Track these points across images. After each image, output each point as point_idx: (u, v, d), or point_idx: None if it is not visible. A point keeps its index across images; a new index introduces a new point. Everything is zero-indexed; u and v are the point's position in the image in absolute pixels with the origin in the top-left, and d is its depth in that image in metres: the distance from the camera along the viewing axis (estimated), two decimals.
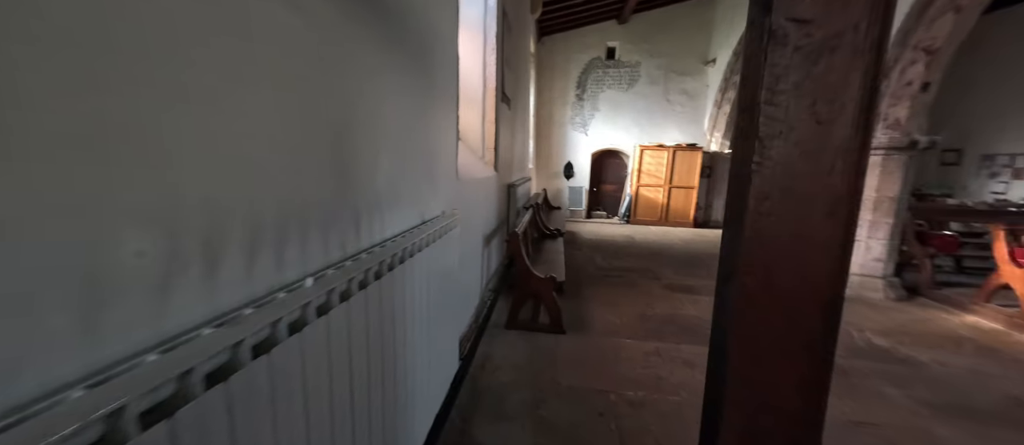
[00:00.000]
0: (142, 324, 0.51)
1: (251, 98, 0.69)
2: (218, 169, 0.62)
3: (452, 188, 2.15)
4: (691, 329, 3.22)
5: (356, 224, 1.06)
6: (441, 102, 1.90)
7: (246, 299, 0.67)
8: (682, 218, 8.60)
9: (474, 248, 2.87)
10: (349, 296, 0.88)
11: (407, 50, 1.42)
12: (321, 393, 0.76)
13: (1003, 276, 3.56)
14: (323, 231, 0.91)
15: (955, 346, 3.04)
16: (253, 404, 0.59)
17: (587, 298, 3.88)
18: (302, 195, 0.83)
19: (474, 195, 2.82)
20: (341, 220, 0.99)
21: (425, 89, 1.63)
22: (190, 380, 0.51)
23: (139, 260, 0.50)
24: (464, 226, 2.49)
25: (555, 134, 9.38)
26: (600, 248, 6.23)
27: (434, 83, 1.77)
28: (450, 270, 1.85)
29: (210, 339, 0.53)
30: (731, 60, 7.67)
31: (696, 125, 8.90)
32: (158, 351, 0.49)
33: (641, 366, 2.61)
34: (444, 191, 1.98)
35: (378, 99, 1.19)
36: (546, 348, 2.83)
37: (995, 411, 2.22)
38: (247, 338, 0.58)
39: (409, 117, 1.46)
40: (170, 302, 0.55)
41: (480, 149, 3.43)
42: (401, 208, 1.38)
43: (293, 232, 0.80)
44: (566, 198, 9.52)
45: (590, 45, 8.93)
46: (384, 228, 1.24)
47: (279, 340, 0.66)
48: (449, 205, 2.02)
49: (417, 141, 1.55)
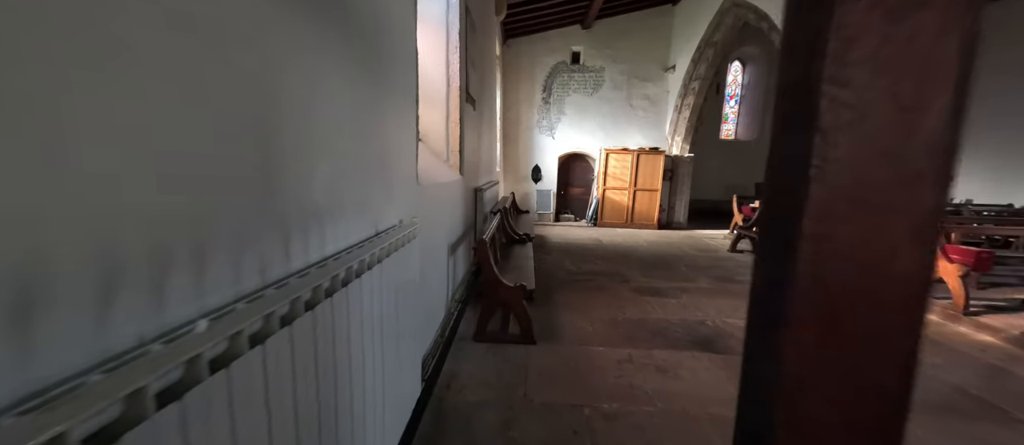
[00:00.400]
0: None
1: (114, 86, 0.49)
2: (51, 182, 0.43)
3: (412, 194, 1.97)
4: (661, 333, 3.20)
5: (284, 242, 0.87)
6: (397, 100, 1.72)
7: (96, 359, 0.47)
8: (647, 220, 8.79)
9: (438, 258, 2.68)
10: (266, 335, 0.69)
11: (353, 39, 1.23)
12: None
13: (937, 270, 3.84)
14: (232, 254, 0.71)
15: None
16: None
17: (558, 304, 3.79)
18: (194, 210, 0.63)
19: (438, 201, 2.64)
20: (260, 239, 0.79)
21: (376, 84, 1.45)
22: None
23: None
24: (427, 234, 2.31)
25: (522, 137, 9.31)
26: (569, 252, 6.19)
27: (388, 79, 1.58)
28: (410, 284, 1.67)
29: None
30: (689, 68, 7.95)
31: (658, 129, 9.16)
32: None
33: (614, 375, 2.53)
34: (402, 198, 1.79)
35: (312, 91, 1.00)
36: (517, 361, 2.69)
37: (946, 403, 2.33)
38: (72, 428, 0.38)
39: (357, 115, 1.27)
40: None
41: (444, 152, 3.24)
42: (348, 219, 1.19)
43: (181, 259, 0.60)
44: (534, 202, 9.47)
45: (555, 49, 8.96)
46: (324, 244, 1.05)
47: (145, 415, 0.47)
48: (409, 213, 1.83)
49: (368, 143, 1.36)
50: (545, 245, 6.64)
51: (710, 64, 7.69)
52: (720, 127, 11.55)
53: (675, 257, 6.00)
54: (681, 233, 8.39)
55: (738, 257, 6.15)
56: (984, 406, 2.30)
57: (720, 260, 5.90)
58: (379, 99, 1.48)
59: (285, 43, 0.88)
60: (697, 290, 4.38)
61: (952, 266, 3.70)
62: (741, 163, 11.32)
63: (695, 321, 3.47)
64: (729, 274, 5.10)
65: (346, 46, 1.19)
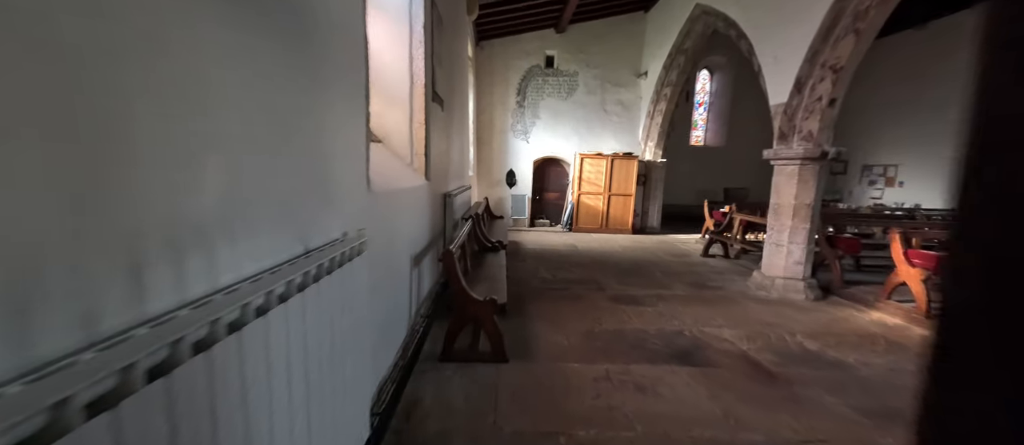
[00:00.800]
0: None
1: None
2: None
3: (361, 202, 1.71)
4: (639, 345, 3.07)
5: (133, 277, 0.61)
6: (339, 91, 1.47)
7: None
8: (621, 225, 8.79)
9: (398, 271, 2.42)
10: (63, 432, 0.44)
11: (274, 12, 0.99)
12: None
13: (900, 275, 3.93)
14: (44, 303, 0.46)
15: (871, 344, 3.23)
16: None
17: (531, 316, 3.59)
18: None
19: (397, 208, 2.39)
20: (91, 277, 0.54)
21: (305, 70, 1.20)
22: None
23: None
24: (383, 246, 2.05)
25: (496, 141, 9.13)
26: (544, 258, 6.03)
27: (325, 67, 1.34)
28: (357, 306, 1.41)
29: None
30: (661, 74, 8.03)
31: (631, 135, 9.21)
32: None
33: (591, 396, 2.35)
34: (347, 207, 1.54)
35: (199, 67, 0.75)
36: (486, 382, 2.46)
37: None
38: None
39: (276, 106, 1.02)
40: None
41: (408, 154, 2.99)
42: (258, 236, 0.94)
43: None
44: (509, 207, 9.28)
45: (529, 52, 8.85)
46: (216, 274, 0.79)
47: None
48: (356, 223, 1.58)
49: (292, 141, 1.11)
50: (520, 252, 6.45)
51: (681, 71, 7.79)
52: (690, 133, 11.81)
53: (650, 263, 5.95)
54: (655, 238, 8.44)
55: (710, 262, 6.19)
56: None
57: (693, 265, 5.91)
58: (310, 89, 1.23)
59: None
60: (673, 297, 4.30)
61: (914, 270, 3.79)
62: (710, 169, 11.61)
63: (673, 331, 3.36)
64: (702, 280, 5.08)
65: (269, 27, 0.94)
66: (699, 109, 11.89)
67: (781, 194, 4.52)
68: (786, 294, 4.43)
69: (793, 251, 4.44)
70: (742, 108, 11.26)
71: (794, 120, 4.37)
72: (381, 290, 2.03)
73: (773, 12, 4.60)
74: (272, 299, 0.84)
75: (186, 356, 0.62)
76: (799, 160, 4.33)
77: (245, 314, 0.75)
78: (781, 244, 4.52)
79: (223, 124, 0.82)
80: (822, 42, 4.01)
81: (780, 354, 2.99)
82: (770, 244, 4.66)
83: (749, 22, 5.06)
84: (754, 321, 3.66)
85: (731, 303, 4.18)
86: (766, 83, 4.71)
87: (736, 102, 11.38)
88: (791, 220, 4.41)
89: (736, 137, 11.51)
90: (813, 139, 4.28)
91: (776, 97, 4.55)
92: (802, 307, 4.14)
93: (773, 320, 3.70)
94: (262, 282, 0.84)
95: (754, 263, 5.79)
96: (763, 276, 4.68)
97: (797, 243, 4.42)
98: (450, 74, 4.42)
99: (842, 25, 3.85)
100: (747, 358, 2.91)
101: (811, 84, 4.20)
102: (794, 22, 4.26)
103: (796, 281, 4.43)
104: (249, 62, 0.90)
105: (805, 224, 4.37)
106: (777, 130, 4.56)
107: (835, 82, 4.07)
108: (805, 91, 4.25)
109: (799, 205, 4.37)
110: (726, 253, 6.59)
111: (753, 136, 10.98)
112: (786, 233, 4.46)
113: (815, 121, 4.25)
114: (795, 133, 4.38)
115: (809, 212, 4.36)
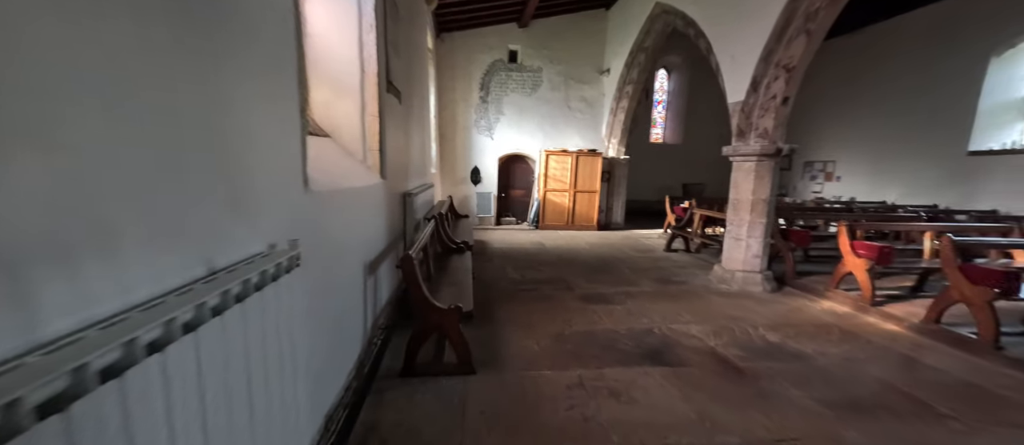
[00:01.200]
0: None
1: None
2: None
3: (295, 205, 1.45)
4: (610, 346, 2.99)
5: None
6: (260, 71, 1.21)
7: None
8: (587, 222, 8.83)
9: (348, 282, 2.15)
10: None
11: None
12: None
13: (847, 265, 4.15)
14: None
15: (826, 334, 3.35)
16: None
17: (500, 320, 3.42)
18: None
19: (348, 210, 2.12)
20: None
21: (213, 41, 0.95)
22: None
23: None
24: (328, 254, 1.79)
25: (459, 137, 8.84)
26: (511, 257, 5.87)
27: (236, 39, 1.08)
28: (287, 333, 1.17)
29: None
30: (623, 72, 8.11)
31: (595, 132, 9.26)
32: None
33: (565, 406, 2.22)
34: (275, 213, 1.28)
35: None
36: (453, 398, 2.26)
37: (876, 401, 2.37)
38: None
39: (156, 81, 0.77)
40: None
41: (360, 150, 2.70)
42: (127, 260, 0.69)
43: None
44: (474, 205, 9.04)
45: (492, 46, 8.63)
46: (38, 324, 0.54)
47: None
48: (287, 232, 1.32)
49: (185, 132, 0.86)
50: (486, 252, 6.26)
51: (642, 69, 7.90)
52: (650, 131, 12.12)
53: (617, 259, 5.97)
54: (620, 234, 8.55)
55: (673, 257, 6.32)
56: (912, 402, 2.37)
57: (658, 261, 6.00)
58: (215, 67, 0.97)
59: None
60: (641, 294, 4.30)
61: (859, 261, 4.01)
62: (669, 165, 12.00)
63: (642, 330, 3.32)
64: (667, 275, 5.14)
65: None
66: (658, 107, 12.24)
67: (740, 190, 4.64)
68: (745, 286, 4.57)
69: (752, 245, 4.58)
70: (698, 107, 11.72)
71: (751, 118, 4.50)
72: (326, 306, 1.77)
73: (730, 11, 4.70)
74: (135, 350, 0.60)
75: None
76: (756, 157, 4.46)
77: (79, 381, 0.51)
78: (740, 238, 4.65)
79: (51, 107, 0.57)
80: (776, 42, 4.14)
81: (745, 348, 3.03)
82: (730, 239, 4.79)
83: (707, 21, 5.16)
84: (718, 315, 3.71)
85: (696, 298, 4.23)
86: (724, 81, 4.82)
87: (692, 101, 11.82)
88: (749, 215, 4.55)
89: (693, 135, 11.96)
90: (769, 136, 4.42)
91: (734, 95, 4.67)
92: (761, 299, 4.27)
93: (736, 313, 3.78)
94: (126, 325, 0.60)
95: (713, 256, 5.97)
96: (724, 269, 4.80)
97: (755, 237, 4.57)
98: (408, 65, 4.13)
99: (794, 26, 3.98)
100: (715, 354, 2.91)
101: (766, 82, 4.33)
102: (750, 21, 4.37)
103: (754, 274, 4.58)
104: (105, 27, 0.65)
105: (762, 219, 4.52)
106: (735, 127, 4.68)
107: (788, 81, 4.21)
108: (761, 89, 4.38)
109: (756, 200, 4.51)
110: (688, 247, 6.77)
111: (709, 134, 11.46)
112: (745, 227, 4.59)
113: (770, 119, 4.39)
114: (752, 130, 4.50)
115: (766, 207, 4.51)
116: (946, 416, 2.23)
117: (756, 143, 4.46)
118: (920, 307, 3.75)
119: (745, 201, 4.58)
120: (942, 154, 7.57)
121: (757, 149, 4.43)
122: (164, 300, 0.71)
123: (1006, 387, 2.55)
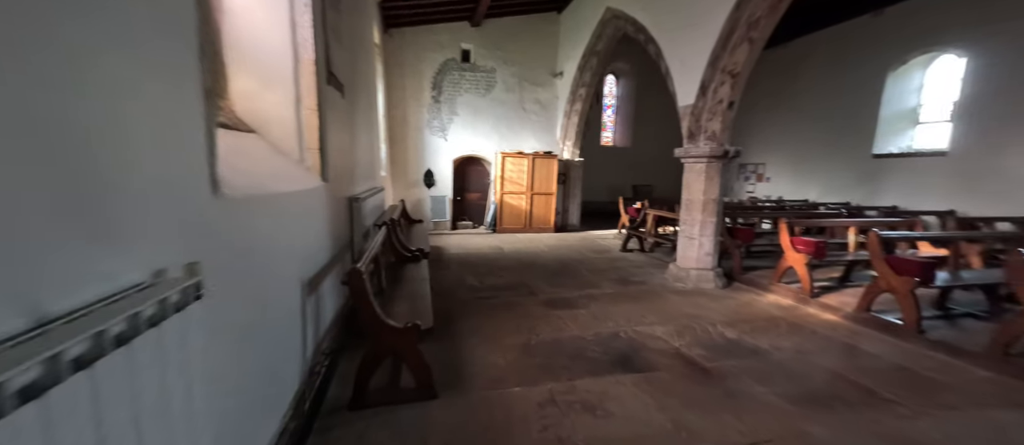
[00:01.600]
0: None
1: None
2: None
3: (198, 216, 1.13)
4: (578, 354, 2.86)
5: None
6: (137, 32, 0.89)
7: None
8: (544, 224, 8.80)
9: (280, 306, 1.80)
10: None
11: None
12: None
13: (788, 260, 4.43)
14: None
15: (776, 328, 3.51)
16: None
17: (461, 333, 3.17)
18: None
19: (276, 219, 1.77)
20: None
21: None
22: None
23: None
24: (251, 275, 1.46)
25: (411, 138, 8.41)
26: (469, 264, 5.62)
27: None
28: (179, 388, 0.86)
29: None
30: (576, 75, 8.19)
31: (550, 134, 9.28)
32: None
33: (538, 427, 2.04)
34: (165, 228, 0.96)
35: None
36: (412, 429, 1.99)
37: (830, 391, 2.46)
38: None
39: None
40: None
41: (296, 149, 2.33)
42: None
43: None
44: (429, 209, 8.64)
45: (444, 45, 8.32)
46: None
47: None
48: (185, 253, 1.00)
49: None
50: (443, 258, 5.95)
51: (594, 72, 8.03)
52: (601, 134, 12.46)
53: (576, 261, 5.95)
54: (576, 235, 8.60)
55: (630, 257, 6.43)
56: (859, 389, 2.49)
57: (615, 261, 6.06)
58: (54, 18, 0.66)
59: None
60: (603, 296, 4.26)
61: (799, 256, 4.29)
62: (619, 167, 12.39)
63: (609, 334, 3.24)
64: (626, 275, 5.19)
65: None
66: (608, 111, 12.62)
67: (692, 190, 4.80)
68: (699, 284, 4.72)
69: (704, 243, 4.75)
70: (644, 112, 12.24)
71: (701, 121, 4.66)
72: (248, 340, 1.44)
73: (678, 18, 4.86)
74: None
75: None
76: (706, 158, 4.63)
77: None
78: (693, 237, 4.80)
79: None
80: (722, 48, 4.32)
81: (708, 347, 3.05)
82: (683, 238, 4.93)
83: (656, 27, 5.30)
84: (679, 314, 3.75)
85: (655, 297, 4.28)
86: (675, 85, 4.97)
87: (639, 106, 12.33)
88: (701, 214, 4.71)
89: (640, 138, 12.47)
90: (717, 138, 4.60)
91: (684, 98, 4.82)
92: (714, 295, 4.42)
93: (694, 311, 3.85)
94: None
95: (666, 255, 6.16)
96: (678, 268, 4.93)
97: (707, 235, 4.74)
98: (353, 57, 3.75)
99: (738, 34, 4.17)
100: (681, 356, 2.90)
101: (714, 87, 4.51)
102: (697, 28, 4.53)
103: (707, 271, 4.75)
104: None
105: (713, 218, 4.70)
106: (686, 130, 4.83)
107: (733, 86, 4.42)
108: (709, 94, 4.55)
109: (707, 200, 4.68)
110: (642, 247, 6.94)
111: (656, 137, 12.01)
112: (697, 226, 4.75)
113: (718, 122, 4.58)
114: (702, 133, 4.67)
115: (716, 206, 4.69)
116: (891, 401, 2.36)
117: (706, 145, 4.63)
118: (850, 296, 4.08)
119: (697, 201, 4.74)
120: (853, 156, 8.51)
121: (707, 151, 4.59)
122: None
123: (932, 369, 2.78)
